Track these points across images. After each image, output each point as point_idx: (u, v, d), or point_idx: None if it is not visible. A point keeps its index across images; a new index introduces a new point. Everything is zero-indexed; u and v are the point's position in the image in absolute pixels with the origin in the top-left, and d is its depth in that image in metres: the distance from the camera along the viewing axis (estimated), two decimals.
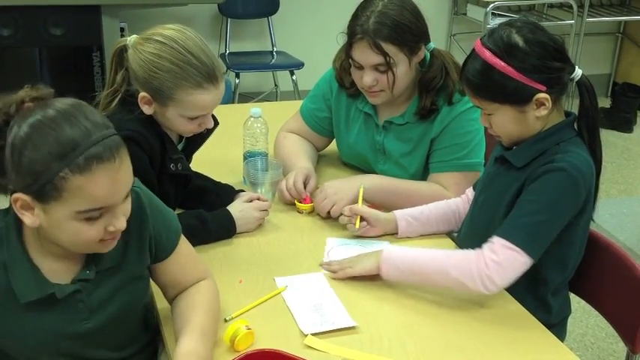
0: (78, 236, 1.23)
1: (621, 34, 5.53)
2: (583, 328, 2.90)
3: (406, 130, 2.08)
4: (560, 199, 1.57)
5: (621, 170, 4.42)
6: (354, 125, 2.18)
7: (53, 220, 1.21)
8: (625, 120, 4.99)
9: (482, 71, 1.59)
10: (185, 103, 1.66)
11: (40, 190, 1.17)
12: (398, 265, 1.63)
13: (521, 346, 1.49)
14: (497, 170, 1.72)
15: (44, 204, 1.19)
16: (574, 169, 1.56)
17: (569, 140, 1.63)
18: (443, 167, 2.04)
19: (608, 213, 3.81)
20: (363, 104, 2.13)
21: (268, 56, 4.78)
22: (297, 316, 1.53)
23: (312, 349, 1.44)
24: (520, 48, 1.56)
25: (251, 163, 2.04)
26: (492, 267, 1.53)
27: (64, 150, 1.16)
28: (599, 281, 1.78)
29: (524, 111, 1.60)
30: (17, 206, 1.21)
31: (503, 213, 1.64)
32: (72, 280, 1.32)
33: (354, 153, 2.22)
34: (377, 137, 2.13)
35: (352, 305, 1.58)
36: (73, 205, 1.18)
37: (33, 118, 1.19)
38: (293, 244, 1.85)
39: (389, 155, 2.12)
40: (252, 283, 1.66)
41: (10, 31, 3.66)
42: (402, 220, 1.86)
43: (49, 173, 1.16)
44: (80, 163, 1.16)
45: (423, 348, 1.46)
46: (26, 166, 1.17)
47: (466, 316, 1.57)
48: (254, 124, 2.11)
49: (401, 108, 2.08)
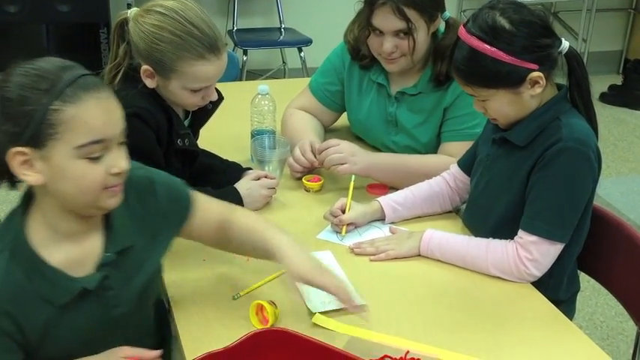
0: (83, 180, 1.20)
1: (633, 9, 5.46)
2: (592, 307, 2.90)
3: (418, 101, 2.09)
4: (577, 177, 1.57)
5: (632, 148, 4.39)
6: (366, 97, 2.19)
7: (55, 167, 1.18)
8: (637, 97, 4.94)
9: (471, 58, 1.57)
10: (187, 75, 1.64)
11: (36, 132, 1.15)
12: (435, 253, 1.67)
13: (529, 324, 1.48)
14: (498, 151, 1.70)
15: (42, 149, 1.17)
16: (582, 144, 1.56)
17: (567, 113, 1.62)
18: (454, 136, 2.06)
19: (619, 191, 3.79)
20: (376, 75, 2.14)
21: (276, 33, 4.75)
22: (305, 294, 1.53)
23: (320, 327, 1.44)
24: (507, 30, 1.54)
25: (258, 141, 2.03)
26: (530, 264, 1.58)
27: (51, 83, 1.16)
28: (608, 260, 1.77)
29: (519, 92, 1.58)
30: (17, 165, 1.18)
31: (514, 194, 1.64)
32: (96, 267, 1.30)
33: (365, 125, 2.22)
34: (389, 109, 2.14)
35: (360, 284, 1.57)
36: (71, 140, 1.17)
37: (13, 68, 1.19)
38: (301, 222, 1.84)
39: (401, 127, 2.13)
40: (260, 262, 1.65)
41: (17, 8, 3.66)
42: (387, 207, 1.84)
43: (41, 109, 1.15)
44: (69, 93, 1.16)
45: (432, 326, 1.46)
46: (16, 110, 1.16)
47: (474, 295, 1.57)
48: (261, 102, 2.10)
49: (414, 78, 2.09)
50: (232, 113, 2.24)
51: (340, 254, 1.69)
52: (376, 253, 1.69)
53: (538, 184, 1.59)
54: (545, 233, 1.57)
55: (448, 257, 1.66)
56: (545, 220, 1.57)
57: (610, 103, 4.98)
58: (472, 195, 1.82)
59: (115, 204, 1.28)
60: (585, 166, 1.57)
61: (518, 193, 1.63)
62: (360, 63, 2.16)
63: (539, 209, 1.58)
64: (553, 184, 1.57)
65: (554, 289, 1.66)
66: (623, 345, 2.70)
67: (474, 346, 1.40)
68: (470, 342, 1.41)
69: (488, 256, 1.61)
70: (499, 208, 1.68)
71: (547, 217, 1.57)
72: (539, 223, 1.57)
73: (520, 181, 1.63)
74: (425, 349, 1.38)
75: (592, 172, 1.59)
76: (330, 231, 1.80)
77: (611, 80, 5.14)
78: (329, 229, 1.81)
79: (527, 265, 1.58)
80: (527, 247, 1.58)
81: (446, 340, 1.41)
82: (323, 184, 2.00)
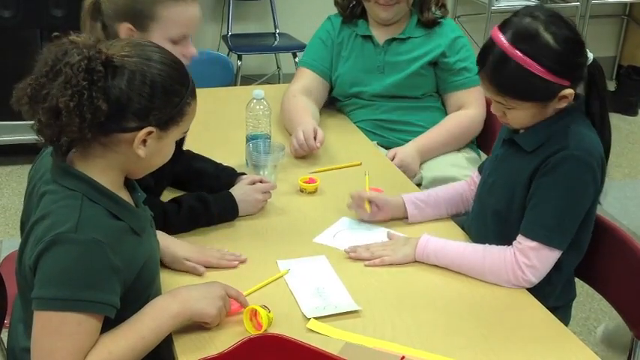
0: (168, 156, 1.38)
1: (627, 16, 5.48)
2: (586, 312, 2.90)
3: (409, 43, 2.34)
4: (579, 186, 1.57)
5: (625, 154, 4.40)
6: (352, 51, 2.42)
7: (163, 147, 1.34)
8: (630, 103, 4.95)
9: (513, 72, 1.54)
10: (167, 20, 1.67)
11: (170, 119, 1.30)
12: (431, 259, 1.66)
13: (525, 331, 1.48)
14: (506, 153, 1.71)
15: (166, 132, 1.31)
16: (587, 153, 1.56)
17: (578, 122, 1.61)
18: (465, 84, 2.35)
19: (612, 197, 3.80)
20: (363, 28, 2.40)
21: (271, 38, 4.74)
22: (300, 299, 1.53)
23: (315, 332, 1.43)
24: (552, 48, 1.53)
25: (253, 146, 2.03)
26: (527, 270, 1.58)
27: (186, 78, 1.34)
28: (603, 265, 1.77)
29: (547, 106, 1.59)
30: (139, 140, 1.28)
31: (516, 197, 1.64)
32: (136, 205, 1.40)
33: (351, 77, 2.41)
34: (377, 57, 2.38)
35: (356, 289, 1.57)
36: (185, 128, 1.36)
37: (144, 47, 1.32)
38: (296, 227, 1.83)
39: (390, 70, 2.37)
40: (254, 266, 1.65)
41: (11, 13, 3.64)
42: (410, 204, 1.85)
43: (183, 102, 1.32)
44: (194, 88, 1.36)
45: (427, 332, 1.46)
46: (166, 98, 1.29)
47: (470, 302, 1.56)
48: (256, 106, 2.10)
49: (400, 27, 2.37)
50: (227, 118, 2.25)
51: (335, 259, 1.69)
52: (371, 259, 1.68)
53: (540, 190, 1.59)
54: (545, 239, 1.57)
55: (443, 262, 1.66)
56: (545, 226, 1.57)
57: None
58: (477, 193, 1.82)
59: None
60: (588, 176, 1.57)
61: (518, 195, 1.64)
62: (348, 20, 2.42)
63: (540, 215, 1.58)
64: (555, 191, 1.57)
65: (549, 296, 1.65)
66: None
67: (470, 351, 1.40)
68: (465, 348, 1.41)
69: (485, 261, 1.61)
70: (501, 208, 1.68)
71: (548, 224, 1.57)
72: (539, 229, 1.57)
73: (522, 184, 1.63)
74: (420, 354, 1.38)
75: (595, 183, 1.59)
76: (326, 235, 1.79)
77: None
78: (325, 233, 1.80)
79: (525, 271, 1.57)
80: (526, 253, 1.57)
81: (441, 346, 1.41)
82: (318, 187, 2.00)
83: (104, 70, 1.24)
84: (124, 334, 1.29)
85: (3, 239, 3.25)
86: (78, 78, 1.21)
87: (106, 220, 1.29)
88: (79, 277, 1.23)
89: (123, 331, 1.30)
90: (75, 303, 1.22)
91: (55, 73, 1.23)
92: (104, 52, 1.26)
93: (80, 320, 1.23)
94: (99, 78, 1.23)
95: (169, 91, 1.29)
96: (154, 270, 1.43)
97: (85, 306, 1.23)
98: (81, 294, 1.22)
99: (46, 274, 1.24)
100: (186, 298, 1.37)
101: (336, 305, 1.50)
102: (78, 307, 1.22)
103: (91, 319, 1.24)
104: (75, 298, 1.22)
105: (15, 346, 1.46)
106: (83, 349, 1.23)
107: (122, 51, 1.28)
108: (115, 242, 1.27)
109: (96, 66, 1.23)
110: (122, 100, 1.25)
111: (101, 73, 1.23)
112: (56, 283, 1.23)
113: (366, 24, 2.41)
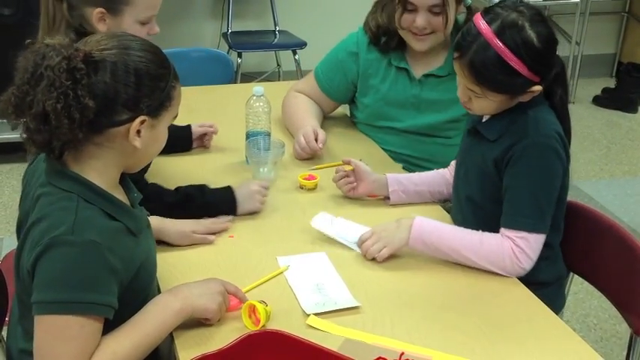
0: (163, 142, 1.38)
1: (627, 13, 5.48)
2: (586, 309, 2.90)
3: (447, 82, 2.13)
4: (547, 169, 1.62)
5: (626, 151, 4.40)
6: (384, 81, 2.25)
7: (156, 134, 1.33)
8: (630, 100, 4.95)
9: (495, 64, 1.56)
10: (139, 3, 1.70)
11: (160, 104, 1.30)
12: (425, 240, 1.65)
13: (524, 327, 1.48)
14: (472, 142, 1.75)
15: (157, 118, 1.31)
16: (546, 137, 1.61)
17: (535, 106, 1.64)
18: None
19: (612, 194, 3.80)
20: (397, 60, 2.22)
21: (271, 36, 4.74)
22: (300, 296, 1.53)
23: (315, 329, 1.44)
24: (535, 47, 1.56)
25: (253, 143, 2.03)
26: (522, 258, 1.60)
27: (168, 62, 1.34)
28: (602, 262, 1.77)
29: (515, 98, 1.63)
30: (134, 133, 1.28)
31: (486, 184, 1.69)
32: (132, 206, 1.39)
33: (382, 108, 2.26)
34: (412, 92, 2.21)
35: (355, 285, 1.57)
36: (174, 111, 1.36)
37: (122, 38, 1.31)
38: (295, 223, 1.84)
39: (425, 107, 2.20)
40: (254, 263, 1.65)
41: (12, 10, 3.64)
42: (393, 181, 1.90)
43: (169, 86, 1.31)
44: (175, 72, 1.34)
45: (426, 328, 1.46)
46: (153, 84, 1.28)
47: (468, 297, 1.57)
48: (256, 103, 2.10)
49: (438, 60, 2.19)
50: (227, 115, 2.24)
51: (335, 256, 1.69)
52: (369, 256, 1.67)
53: (512, 181, 1.63)
54: (529, 227, 1.60)
55: (438, 246, 1.64)
56: (526, 215, 1.61)
57: (603, 106, 4.99)
58: (454, 184, 1.85)
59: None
60: (552, 157, 1.61)
61: (488, 182, 1.68)
62: (379, 48, 2.22)
63: (518, 206, 1.62)
64: (526, 180, 1.61)
65: (533, 272, 1.64)
66: (617, 348, 2.70)
67: (469, 347, 1.40)
68: (464, 343, 1.41)
69: (483, 246, 1.62)
70: (474, 197, 1.73)
71: (527, 212, 1.61)
72: (521, 219, 1.61)
73: (489, 172, 1.67)
74: (419, 350, 1.38)
75: (560, 160, 1.63)
76: (323, 218, 1.77)
77: (604, 83, 5.14)
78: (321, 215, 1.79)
79: (520, 259, 1.60)
80: (518, 243, 1.60)
81: (440, 342, 1.41)
82: (318, 183, 2.00)
83: (85, 67, 1.22)
84: (128, 334, 1.29)
85: (3, 237, 3.25)
86: (61, 79, 1.20)
87: (102, 220, 1.28)
88: (78, 279, 1.22)
89: (126, 330, 1.30)
90: (76, 305, 1.22)
91: (37, 78, 1.21)
92: (82, 49, 1.24)
93: (82, 323, 1.22)
94: (82, 76, 1.22)
95: (154, 76, 1.29)
96: (151, 271, 1.43)
97: (86, 308, 1.22)
98: (81, 296, 1.22)
99: (44, 277, 1.23)
100: (187, 295, 1.38)
101: (335, 301, 1.51)
102: (79, 310, 1.22)
103: (93, 321, 1.23)
104: (75, 300, 1.22)
105: (13, 346, 1.45)
106: (87, 352, 1.23)
107: (99, 45, 1.26)
108: (111, 242, 1.26)
109: (77, 64, 1.22)
110: (109, 93, 1.24)
111: (83, 70, 1.22)
112: (55, 286, 1.22)
113: (399, 55, 2.21)
